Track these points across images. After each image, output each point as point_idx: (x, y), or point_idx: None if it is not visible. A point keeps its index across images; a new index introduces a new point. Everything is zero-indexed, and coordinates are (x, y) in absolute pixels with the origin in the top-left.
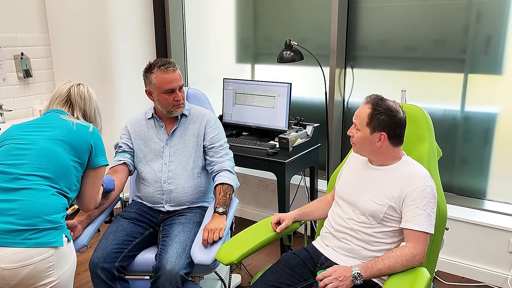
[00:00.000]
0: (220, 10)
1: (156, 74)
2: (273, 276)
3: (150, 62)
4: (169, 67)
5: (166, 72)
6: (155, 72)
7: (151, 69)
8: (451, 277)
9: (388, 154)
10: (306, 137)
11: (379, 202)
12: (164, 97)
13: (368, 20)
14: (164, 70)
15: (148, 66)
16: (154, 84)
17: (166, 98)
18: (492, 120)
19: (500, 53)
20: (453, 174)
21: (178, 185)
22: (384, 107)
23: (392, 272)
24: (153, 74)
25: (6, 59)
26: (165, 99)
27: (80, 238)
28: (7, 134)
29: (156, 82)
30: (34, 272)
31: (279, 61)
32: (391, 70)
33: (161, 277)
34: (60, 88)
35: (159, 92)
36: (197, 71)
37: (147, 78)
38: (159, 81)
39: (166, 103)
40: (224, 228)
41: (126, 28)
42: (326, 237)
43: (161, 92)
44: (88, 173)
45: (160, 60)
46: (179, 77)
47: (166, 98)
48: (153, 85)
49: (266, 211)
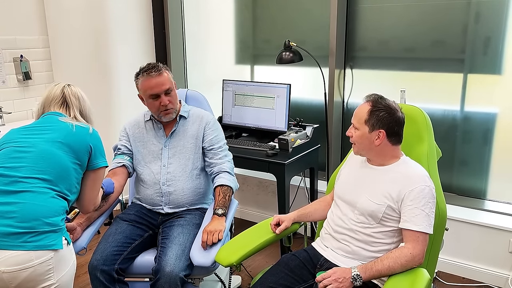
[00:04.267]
0: (219, 11)
1: (141, 79)
2: (272, 278)
3: (139, 68)
4: (152, 71)
5: (149, 77)
6: (140, 77)
7: (138, 74)
8: (452, 277)
9: (387, 153)
10: (306, 138)
11: (378, 202)
12: (150, 102)
13: (367, 21)
14: (147, 75)
15: (137, 72)
16: (141, 89)
17: (152, 104)
18: (491, 120)
19: (499, 53)
20: (453, 174)
21: (177, 187)
22: (383, 104)
23: (391, 273)
24: (139, 79)
25: (5, 62)
26: (152, 104)
27: (80, 241)
28: (6, 138)
29: (141, 87)
30: (33, 275)
31: (278, 62)
32: (391, 70)
33: (161, 279)
34: (52, 90)
35: (146, 98)
36: (197, 73)
37: (136, 84)
38: (143, 87)
39: (153, 108)
40: (223, 230)
41: (125, 30)
42: (326, 238)
43: (147, 97)
44: (87, 175)
45: (147, 64)
46: (164, 80)
47: (152, 103)
48: (141, 90)
49: (266, 212)
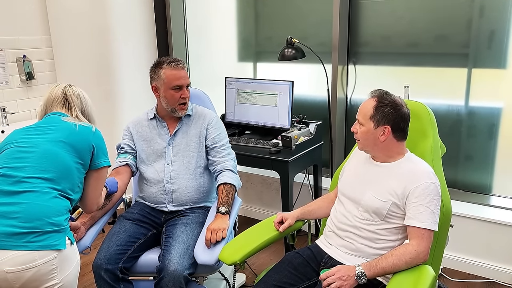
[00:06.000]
0: (221, 9)
1: (165, 69)
2: (276, 276)
3: (159, 59)
4: (179, 64)
5: (176, 68)
6: (164, 67)
7: (160, 64)
8: (458, 273)
9: (392, 149)
10: (309, 135)
11: (382, 199)
12: (171, 93)
13: (370, 16)
14: (174, 66)
15: (157, 62)
16: (163, 79)
17: (173, 95)
18: (496, 115)
19: (504, 47)
20: (458, 170)
21: (181, 185)
22: (389, 100)
23: (396, 270)
24: (162, 69)
25: (8, 62)
26: (172, 96)
27: (83, 240)
28: (9, 138)
29: (165, 77)
30: (37, 275)
31: (281, 59)
32: (394, 66)
33: (165, 278)
34: (53, 91)
35: (166, 88)
36: (199, 70)
37: (155, 73)
38: (168, 77)
39: (172, 100)
40: (227, 228)
41: (128, 29)
42: (329, 236)
43: (168, 88)
44: (90, 175)
45: (169, 57)
46: (187, 75)
47: (173, 94)
48: (161, 80)
49: (270, 210)
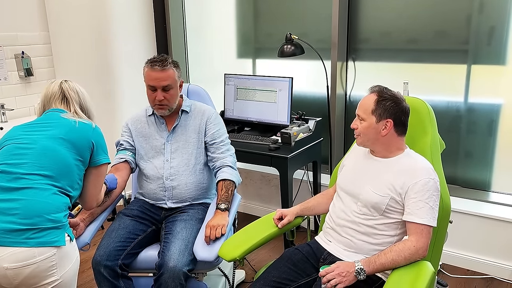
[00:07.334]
0: (221, 5)
1: (146, 68)
2: (275, 272)
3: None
4: (156, 65)
5: (152, 69)
6: (146, 66)
7: (146, 62)
8: (457, 270)
9: (392, 144)
10: (308, 132)
11: (381, 193)
12: (149, 92)
13: (369, 12)
14: (151, 66)
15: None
16: (144, 77)
17: (149, 94)
18: (496, 111)
19: (503, 44)
20: (457, 166)
21: (180, 182)
22: (389, 94)
23: (395, 266)
24: (145, 68)
25: (7, 58)
26: (149, 95)
27: (83, 236)
28: (8, 135)
29: (145, 76)
30: (36, 271)
31: (280, 55)
32: (393, 62)
33: (164, 274)
34: (50, 87)
35: (146, 87)
36: (198, 67)
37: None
38: (146, 76)
39: (150, 99)
40: (226, 224)
41: (127, 26)
42: (328, 232)
43: (146, 87)
44: (90, 171)
45: (158, 56)
46: (165, 77)
47: (150, 94)
48: (144, 78)
49: (270, 206)
